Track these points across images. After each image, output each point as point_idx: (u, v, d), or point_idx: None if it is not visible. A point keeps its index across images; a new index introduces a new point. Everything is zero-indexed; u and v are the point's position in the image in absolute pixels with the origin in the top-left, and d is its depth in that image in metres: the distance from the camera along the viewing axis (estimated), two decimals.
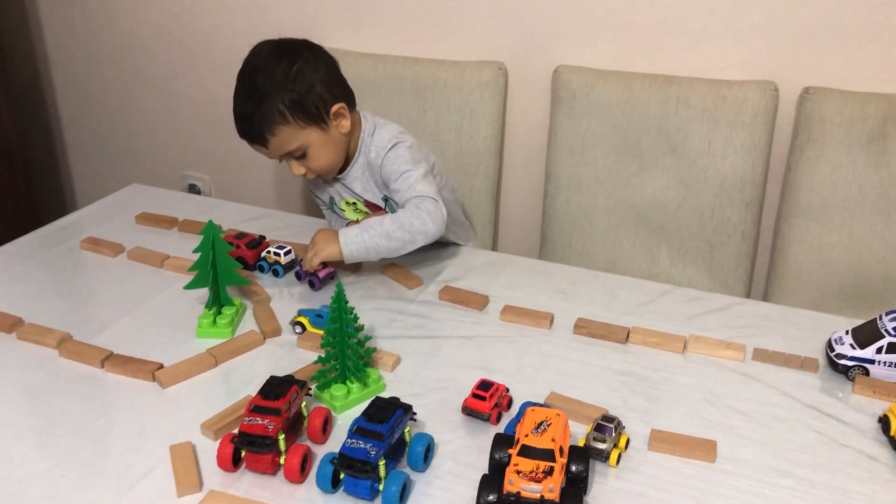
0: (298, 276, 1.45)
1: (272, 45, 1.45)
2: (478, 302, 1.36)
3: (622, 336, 1.26)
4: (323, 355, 1.12)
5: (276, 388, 1.01)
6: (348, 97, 1.48)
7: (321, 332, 1.26)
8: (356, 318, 1.10)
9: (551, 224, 1.93)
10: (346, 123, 1.46)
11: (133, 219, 1.69)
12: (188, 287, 1.29)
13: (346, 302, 1.09)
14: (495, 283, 1.44)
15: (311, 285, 1.43)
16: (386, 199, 1.53)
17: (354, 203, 1.57)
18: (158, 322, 1.32)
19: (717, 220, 1.78)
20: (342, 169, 1.53)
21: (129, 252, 1.54)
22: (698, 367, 1.21)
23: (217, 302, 1.30)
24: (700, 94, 1.72)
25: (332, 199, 1.60)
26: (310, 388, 1.09)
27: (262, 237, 1.54)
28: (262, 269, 1.48)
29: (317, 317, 1.28)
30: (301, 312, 1.30)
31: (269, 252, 1.47)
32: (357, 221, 1.57)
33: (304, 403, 1.04)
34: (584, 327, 1.28)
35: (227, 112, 2.28)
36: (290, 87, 1.39)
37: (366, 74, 1.96)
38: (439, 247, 1.55)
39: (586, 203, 1.87)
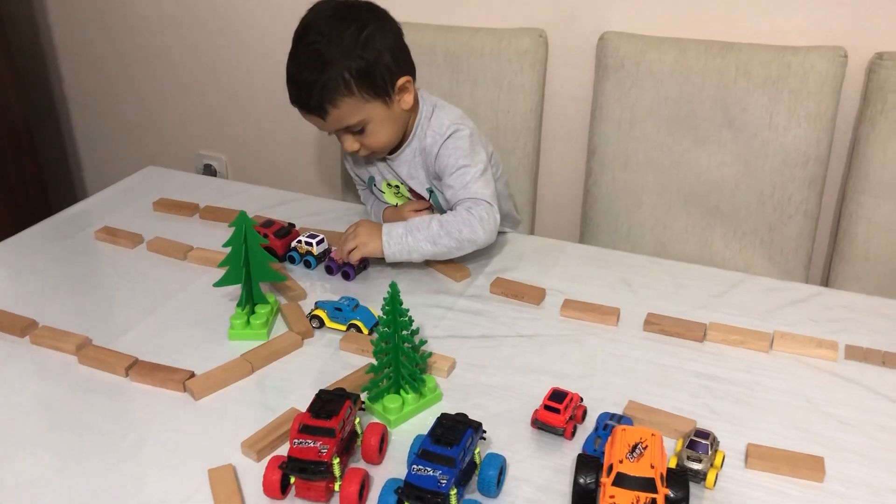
0: (329, 270, 1.33)
1: (334, 6, 1.30)
2: (534, 296, 1.24)
3: (699, 333, 1.14)
4: (374, 362, 1.00)
5: (327, 404, 0.90)
6: (412, 71, 1.35)
7: (341, 328, 1.16)
8: (411, 321, 0.98)
9: (595, 204, 1.80)
10: (409, 99, 1.33)
11: (150, 205, 1.57)
12: (218, 284, 1.17)
13: (401, 303, 0.96)
14: (550, 273, 1.32)
15: (346, 276, 1.31)
16: (431, 191, 1.40)
17: (397, 186, 1.44)
18: (186, 322, 1.20)
19: (778, 199, 1.65)
20: (393, 148, 1.40)
21: (149, 243, 1.42)
22: (788, 369, 1.09)
23: (250, 300, 1.18)
24: (761, 61, 1.58)
25: (372, 178, 1.47)
26: (363, 403, 0.97)
27: (292, 225, 1.42)
28: (292, 261, 1.36)
29: (335, 310, 1.17)
30: (318, 305, 1.19)
31: (300, 242, 1.35)
32: (396, 206, 1.45)
33: (357, 420, 0.93)
34: (656, 324, 1.16)
35: (243, 87, 2.16)
36: (357, 54, 1.25)
37: None
38: None
39: (634, 181, 1.74)
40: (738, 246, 1.71)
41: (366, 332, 1.15)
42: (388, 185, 1.45)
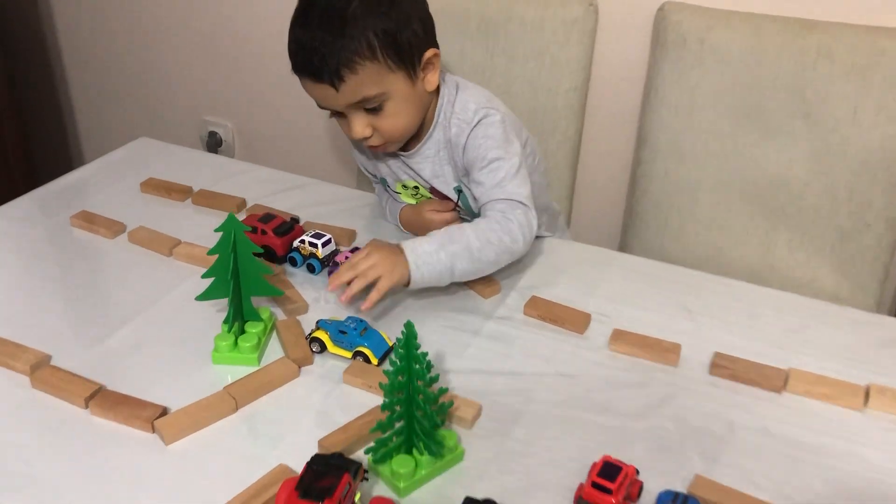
0: None
1: None
2: (577, 322, 1.04)
3: (778, 382, 0.94)
4: (384, 404, 0.81)
5: (320, 478, 0.71)
6: (437, 47, 1.14)
7: (346, 354, 0.97)
8: (429, 366, 0.79)
9: (643, 199, 1.59)
10: (433, 78, 1.12)
11: (138, 185, 1.38)
12: (201, 298, 0.98)
13: (418, 347, 0.77)
14: (595, 291, 1.12)
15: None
16: (459, 190, 1.19)
17: (416, 187, 1.23)
18: (164, 338, 1.02)
19: (856, 204, 1.43)
20: (410, 143, 1.19)
21: (131, 233, 1.23)
22: (887, 435, 0.89)
23: (239, 317, 0.99)
24: (849, 44, 1.35)
25: (384, 179, 1.27)
26: (366, 473, 0.78)
27: (295, 220, 1.23)
28: (293, 263, 1.17)
29: (339, 333, 0.98)
30: (320, 325, 1.00)
31: (302, 241, 1.15)
32: (416, 204, 1.25)
33: (358, 495, 0.74)
34: (726, 367, 0.97)
35: (252, 48, 1.94)
36: (384, 11, 1.04)
37: None
38: None
39: (690, 175, 1.53)
40: (804, 253, 1.50)
41: (375, 362, 0.96)
42: (404, 186, 1.24)
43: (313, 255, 1.14)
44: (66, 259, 1.19)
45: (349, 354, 0.98)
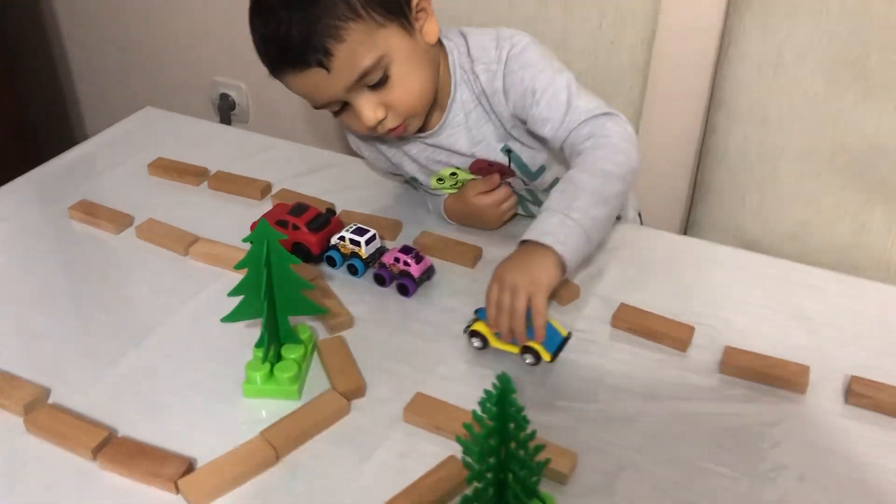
0: (381, 280, 0.96)
1: None
2: (678, 337, 0.87)
3: None
4: (470, 481, 0.65)
5: None
6: None
7: (513, 350, 0.84)
8: (525, 422, 0.62)
9: (717, 167, 1.41)
10: (431, 27, 0.94)
11: (145, 166, 1.20)
12: (228, 319, 0.81)
13: (514, 404, 0.60)
14: (695, 294, 0.94)
15: (403, 290, 0.94)
16: (509, 150, 1.00)
17: (453, 174, 1.04)
18: (183, 362, 0.85)
19: None
20: (428, 121, 1.00)
21: (140, 227, 1.05)
22: None
23: (275, 341, 0.82)
24: None
25: (414, 178, 1.09)
26: None
27: (331, 211, 1.05)
28: (331, 263, 0.99)
29: None
30: (479, 315, 0.85)
31: (342, 238, 0.98)
32: (458, 190, 1.06)
33: None
34: (868, 396, 0.79)
35: None
36: None
37: None
38: None
39: (774, 141, 1.35)
40: None
41: (548, 358, 0.82)
42: (440, 180, 1.05)
43: (355, 255, 0.97)
44: (63, 261, 1.02)
45: (517, 350, 0.84)
